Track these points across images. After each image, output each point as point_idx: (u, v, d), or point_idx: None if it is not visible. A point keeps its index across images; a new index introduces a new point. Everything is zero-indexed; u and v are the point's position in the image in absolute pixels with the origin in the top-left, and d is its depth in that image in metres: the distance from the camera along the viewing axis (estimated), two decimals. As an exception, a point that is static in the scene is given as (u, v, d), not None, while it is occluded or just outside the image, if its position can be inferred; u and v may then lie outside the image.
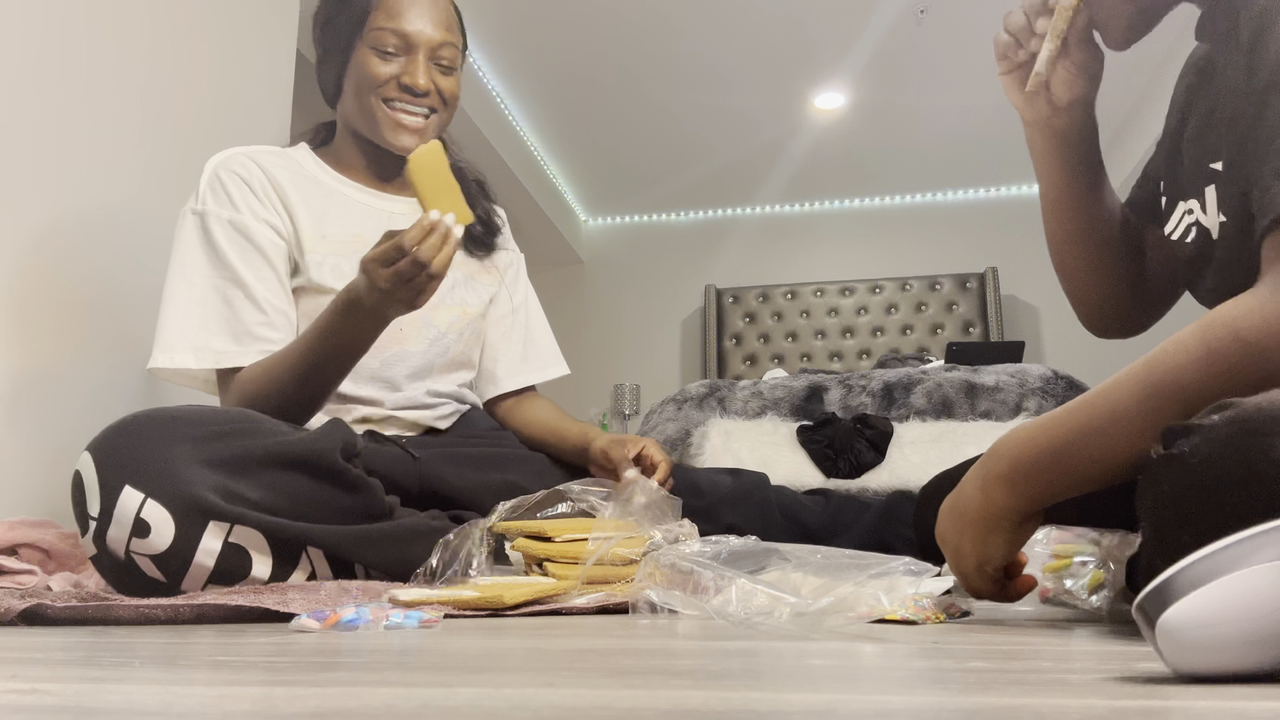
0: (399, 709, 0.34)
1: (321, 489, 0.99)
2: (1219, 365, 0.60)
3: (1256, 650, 0.37)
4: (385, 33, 1.22)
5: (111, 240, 1.62)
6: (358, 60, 1.23)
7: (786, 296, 5.04)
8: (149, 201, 1.71)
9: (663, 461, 1.23)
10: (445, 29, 1.25)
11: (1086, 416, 0.67)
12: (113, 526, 0.89)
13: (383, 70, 1.22)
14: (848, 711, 0.33)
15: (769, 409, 2.65)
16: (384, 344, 1.23)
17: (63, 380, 1.51)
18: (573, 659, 0.51)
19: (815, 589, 0.66)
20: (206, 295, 1.18)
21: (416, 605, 0.79)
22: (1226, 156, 0.75)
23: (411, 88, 1.23)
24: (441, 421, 1.33)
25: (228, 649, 0.57)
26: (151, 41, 1.74)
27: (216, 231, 1.20)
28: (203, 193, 1.22)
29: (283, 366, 1.13)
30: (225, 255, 1.19)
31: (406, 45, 1.23)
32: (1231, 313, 0.62)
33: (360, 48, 1.23)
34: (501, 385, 1.42)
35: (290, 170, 1.28)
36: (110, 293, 1.61)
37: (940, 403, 2.54)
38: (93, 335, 1.57)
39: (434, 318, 1.30)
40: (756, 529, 1.16)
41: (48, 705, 0.36)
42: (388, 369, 1.26)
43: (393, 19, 1.21)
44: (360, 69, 1.23)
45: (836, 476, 2.43)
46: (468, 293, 1.36)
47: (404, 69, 1.23)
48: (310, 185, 1.28)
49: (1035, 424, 0.71)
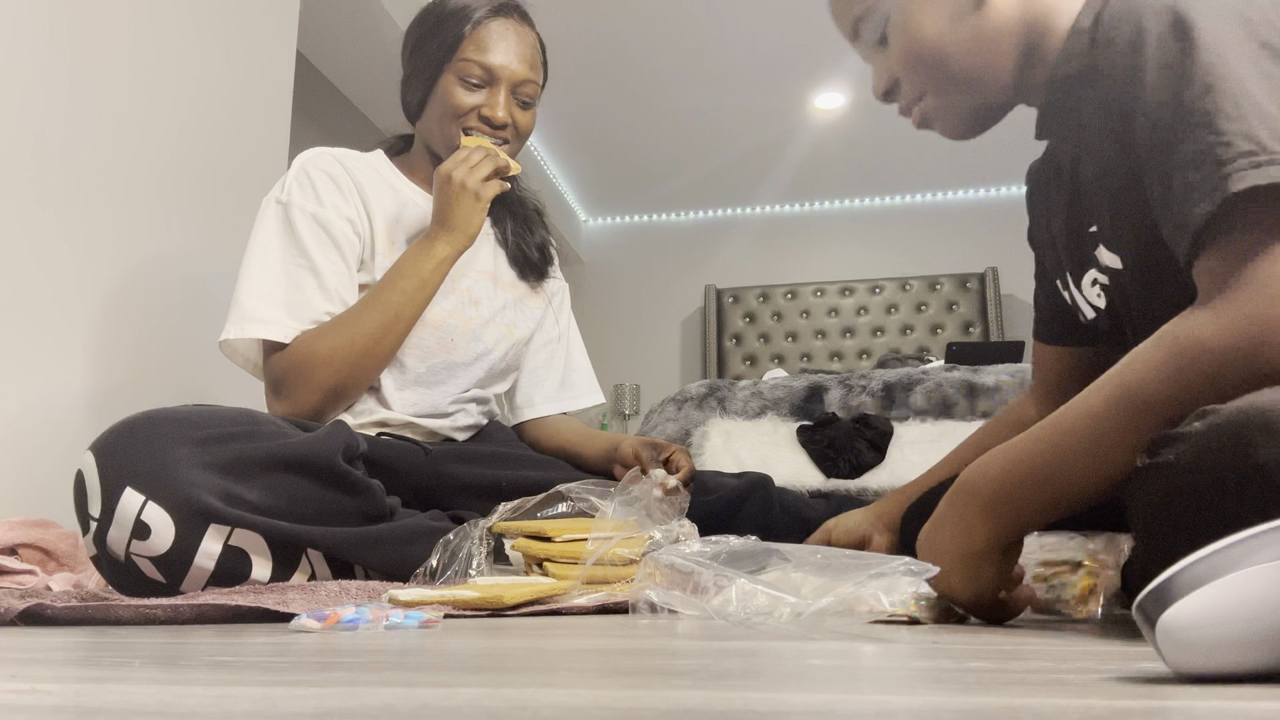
0: (399, 709, 0.34)
1: (322, 491, 0.99)
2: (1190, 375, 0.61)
3: (1256, 650, 0.37)
4: (472, 64, 1.26)
5: (106, 237, 1.62)
6: (443, 86, 1.28)
7: (786, 296, 5.04)
8: (148, 201, 1.71)
9: (688, 465, 1.26)
10: (529, 67, 1.30)
11: (1063, 439, 0.67)
12: (113, 528, 0.89)
13: (466, 100, 1.27)
14: (848, 711, 0.33)
15: (769, 409, 2.65)
16: (433, 349, 1.27)
17: (63, 380, 1.51)
18: (573, 659, 0.51)
19: (815, 589, 0.66)
20: (280, 278, 1.21)
21: (416, 605, 0.79)
22: (1106, 206, 0.79)
23: (490, 120, 1.28)
24: (460, 434, 1.36)
25: (228, 649, 0.57)
26: (151, 41, 1.74)
27: (299, 222, 1.22)
28: (289, 184, 1.25)
29: (352, 313, 1.19)
30: (305, 244, 1.22)
31: (491, 78, 1.27)
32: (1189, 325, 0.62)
33: (446, 75, 1.28)
34: (539, 410, 1.46)
35: (370, 175, 1.32)
36: (109, 292, 1.61)
37: (940, 403, 2.54)
38: (92, 334, 1.57)
39: (483, 333, 1.34)
40: (760, 528, 1.16)
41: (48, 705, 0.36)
42: (433, 375, 1.29)
43: (482, 52, 1.27)
44: (444, 95, 1.28)
45: (836, 476, 2.43)
46: (517, 315, 1.40)
47: (486, 101, 1.28)
48: (387, 190, 1.32)
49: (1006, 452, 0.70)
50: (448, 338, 1.29)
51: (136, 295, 1.67)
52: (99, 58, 1.62)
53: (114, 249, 1.62)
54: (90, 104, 1.59)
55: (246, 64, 2.01)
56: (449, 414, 1.32)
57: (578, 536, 0.99)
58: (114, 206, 1.63)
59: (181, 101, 1.80)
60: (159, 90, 1.75)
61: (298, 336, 1.18)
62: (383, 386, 1.25)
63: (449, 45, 1.27)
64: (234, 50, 1.97)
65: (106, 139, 1.62)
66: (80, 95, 1.57)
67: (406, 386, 1.28)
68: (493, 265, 1.39)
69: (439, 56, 1.28)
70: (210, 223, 1.85)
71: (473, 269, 1.35)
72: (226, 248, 1.81)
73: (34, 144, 1.48)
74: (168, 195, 1.76)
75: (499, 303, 1.37)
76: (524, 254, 1.42)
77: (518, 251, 1.41)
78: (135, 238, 1.67)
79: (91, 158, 1.59)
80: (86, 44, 1.59)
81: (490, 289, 1.37)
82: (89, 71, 1.59)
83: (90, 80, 1.59)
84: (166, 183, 1.75)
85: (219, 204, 1.88)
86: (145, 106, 1.71)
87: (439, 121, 1.29)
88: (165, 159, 1.75)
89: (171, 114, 1.78)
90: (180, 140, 1.79)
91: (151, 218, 1.71)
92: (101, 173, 1.60)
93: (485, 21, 1.27)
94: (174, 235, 1.76)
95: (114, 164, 1.63)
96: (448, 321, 1.29)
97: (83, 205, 1.56)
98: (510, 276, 1.41)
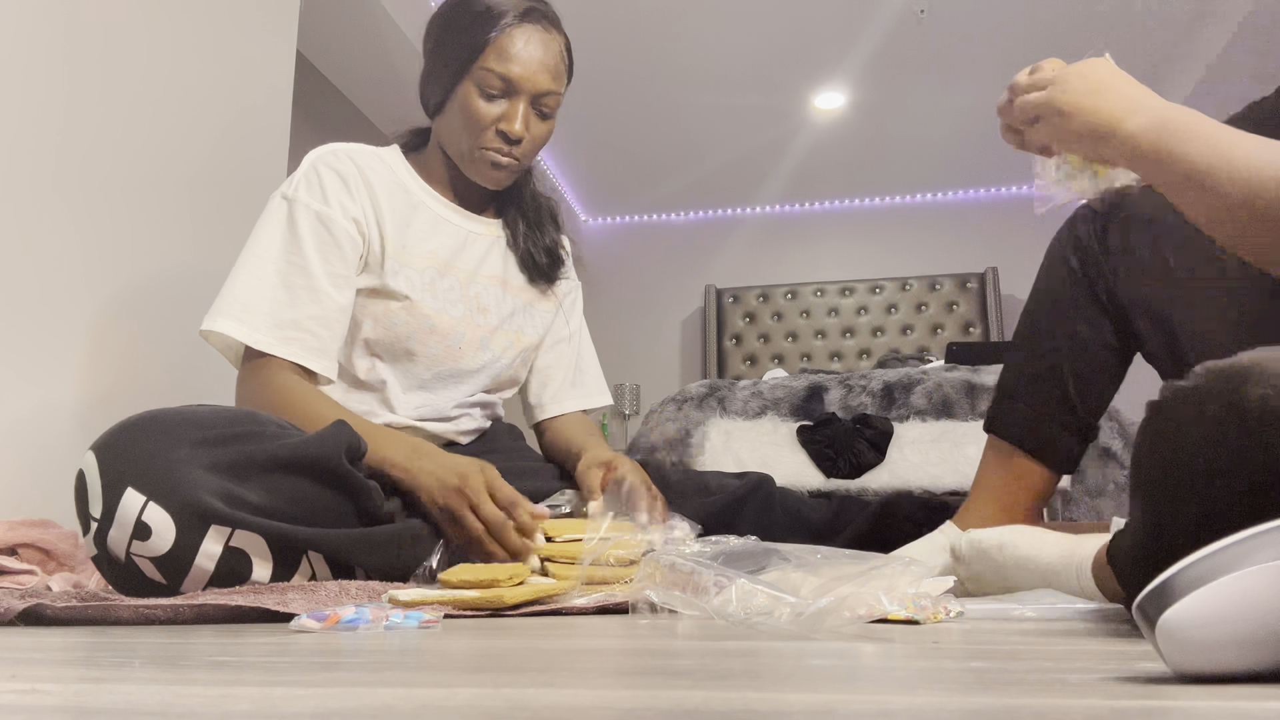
0: (399, 709, 0.34)
1: (323, 492, 0.99)
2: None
3: (1256, 650, 0.37)
4: (493, 75, 1.22)
5: (106, 237, 1.62)
6: (463, 93, 1.24)
7: (786, 296, 5.04)
8: (149, 201, 1.71)
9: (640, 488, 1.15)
10: (552, 78, 1.26)
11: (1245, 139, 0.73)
12: (114, 528, 0.89)
13: (485, 111, 1.23)
14: (848, 711, 0.33)
15: (769, 409, 2.65)
16: (440, 357, 1.27)
17: (64, 380, 1.51)
18: (573, 659, 0.51)
19: (815, 589, 0.66)
20: (271, 275, 1.18)
21: (416, 605, 0.79)
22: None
23: (507, 134, 1.24)
24: (464, 437, 1.35)
25: (228, 649, 0.57)
26: (151, 42, 1.74)
27: (301, 220, 1.21)
28: (297, 181, 1.23)
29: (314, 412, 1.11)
30: (303, 243, 1.19)
31: (511, 89, 1.23)
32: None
33: (466, 83, 1.24)
34: (547, 411, 1.46)
35: (383, 174, 1.30)
36: (110, 292, 1.61)
37: (940, 403, 2.54)
38: (93, 334, 1.57)
39: (491, 340, 1.33)
40: (761, 528, 1.16)
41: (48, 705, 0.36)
42: (439, 381, 1.29)
43: (504, 62, 1.22)
44: (463, 104, 1.24)
45: (836, 476, 2.43)
46: (525, 320, 1.39)
47: (505, 113, 1.24)
48: (400, 192, 1.30)
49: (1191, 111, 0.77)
50: (455, 345, 1.28)
51: (137, 295, 1.67)
52: (99, 58, 1.62)
53: (114, 249, 1.62)
54: (90, 104, 1.59)
55: (246, 64, 2.01)
56: (452, 418, 1.32)
57: (577, 536, 0.99)
58: (114, 207, 1.63)
59: (181, 101, 1.80)
60: (159, 90, 1.75)
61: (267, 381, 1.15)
62: (388, 388, 1.25)
63: (472, 51, 1.23)
64: (234, 50, 1.97)
65: (106, 139, 1.62)
66: (80, 95, 1.57)
67: (412, 390, 1.27)
68: (502, 270, 1.38)
69: (460, 61, 1.24)
70: (210, 223, 1.85)
71: (481, 275, 1.34)
72: (227, 248, 1.81)
73: (34, 144, 1.48)
74: (168, 195, 1.76)
75: (507, 309, 1.36)
76: (533, 258, 1.40)
77: (527, 256, 1.39)
78: (135, 238, 1.67)
79: (92, 158, 1.59)
80: (86, 44, 1.59)
81: (499, 295, 1.36)
82: (89, 71, 1.59)
83: (90, 80, 1.59)
84: (166, 183, 1.75)
85: (219, 204, 1.88)
86: (145, 107, 1.71)
87: (458, 129, 1.26)
88: (165, 159, 1.75)
89: (171, 114, 1.78)
90: (180, 140, 1.79)
91: (151, 218, 1.71)
92: (102, 173, 1.61)
93: (510, 29, 1.23)
94: (174, 235, 1.76)
95: (114, 164, 1.63)
96: (456, 330, 1.28)
97: (83, 206, 1.56)
98: (520, 281, 1.40)
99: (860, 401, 2.62)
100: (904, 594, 0.70)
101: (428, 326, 1.26)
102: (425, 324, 1.26)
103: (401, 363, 1.26)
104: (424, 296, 1.26)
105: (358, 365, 1.26)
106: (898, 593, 0.68)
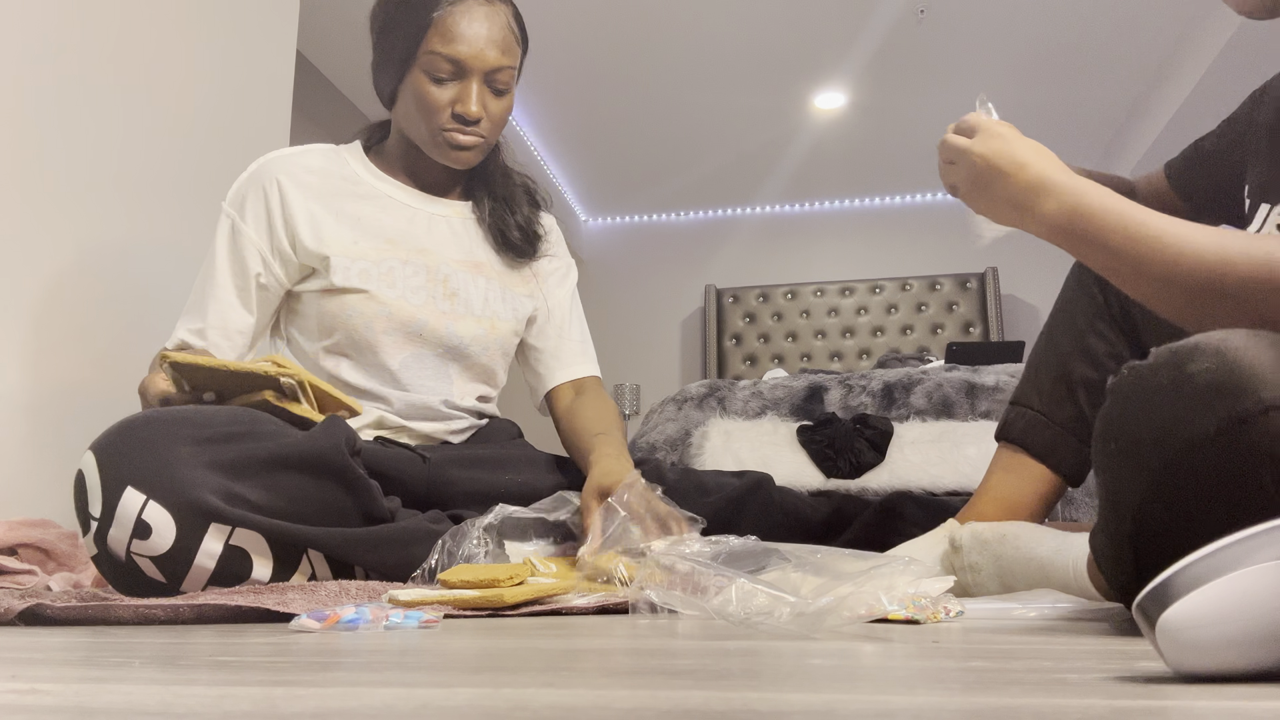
0: (399, 709, 0.34)
1: (323, 489, 0.99)
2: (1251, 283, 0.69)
3: (1256, 650, 0.37)
4: (439, 58, 1.20)
5: (107, 237, 1.62)
6: (413, 81, 1.23)
7: (786, 296, 5.04)
8: (148, 200, 1.71)
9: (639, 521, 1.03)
10: (501, 51, 1.22)
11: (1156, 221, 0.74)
12: (114, 527, 0.89)
13: (437, 97, 1.22)
14: (848, 711, 0.33)
15: (769, 409, 2.65)
16: (401, 344, 1.25)
17: (64, 380, 1.51)
18: (573, 659, 0.51)
19: (815, 589, 0.66)
20: (199, 281, 1.26)
21: (416, 605, 0.79)
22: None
23: (463, 116, 1.22)
24: (455, 436, 1.33)
25: (228, 649, 0.57)
26: (151, 42, 1.74)
27: (221, 228, 1.27)
28: (232, 189, 1.28)
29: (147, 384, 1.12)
30: (216, 251, 1.26)
31: (461, 70, 1.21)
32: None
33: (415, 69, 1.22)
34: (538, 392, 1.41)
35: (327, 173, 1.29)
36: (110, 292, 1.61)
37: (940, 403, 2.54)
38: (93, 334, 1.57)
39: (457, 327, 1.29)
40: (761, 528, 1.16)
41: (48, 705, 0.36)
42: (405, 370, 1.26)
43: (447, 44, 1.19)
44: (415, 91, 1.23)
45: (836, 476, 2.43)
46: (501, 307, 1.34)
47: (458, 95, 1.22)
48: (349, 187, 1.29)
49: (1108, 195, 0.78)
50: (416, 333, 1.25)
51: (137, 295, 1.67)
52: (98, 57, 1.61)
53: (114, 248, 1.62)
54: (90, 104, 1.59)
55: (246, 64, 2.01)
56: (444, 416, 1.31)
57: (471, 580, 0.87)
58: (114, 206, 1.63)
59: (181, 101, 1.80)
60: (159, 90, 1.75)
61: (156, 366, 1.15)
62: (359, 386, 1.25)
63: (414, 36, 1.20)
64: (234, 50, 1.97)
65: (106, 139, 1.62)
66: (80, 95, 1.57)
67: (374, 376, 1.26)
68: (471, 252, 1.34)
69: (405, 48, 1.21)
70: (210, 223, 1.85)
71: (449, 259, 1.31)
72: (226, 248, 1.81)
73: (35, 145, 1.48)
74: (168, 195, 1.76)
75: (479, 294, 1.32)
76: (504, 235, 1.35)
77: (497, 233, 1.35)
78: (136, 237, 1.67)
79: (92, 158, 1.59)
80: (86, 44, 1.59)
81: (469, 279, 1.31)
82: (89, 71, 1.59)
83: (90, 80, 1.59)
84: (167, 182, 1.75)
85: (219, 204, 1.87)
86: (145, 106, 1.71)
87: (415, 117, 1.25)
88: (166, 158, 1.75)
89: (171, 113, 1.78)
90: (180, 140, 1.79)
91: (152, 217, 1.71)
92: (102, 172, 1.60)
93: (451, 7, 1.19)
94: (174, 235, 1.76)
95: (114, 164, 1.63)
96: (416, 317, 1.26)
97: (83, 205, 1.56)
98: (495, 262, 1.35)
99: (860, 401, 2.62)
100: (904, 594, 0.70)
101: (384, 314, 1.24)
102: (382, 311, 1.24)
103: (365, 355, 1.25)
104: (380, 286, 1.24)
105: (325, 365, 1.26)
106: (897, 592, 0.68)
